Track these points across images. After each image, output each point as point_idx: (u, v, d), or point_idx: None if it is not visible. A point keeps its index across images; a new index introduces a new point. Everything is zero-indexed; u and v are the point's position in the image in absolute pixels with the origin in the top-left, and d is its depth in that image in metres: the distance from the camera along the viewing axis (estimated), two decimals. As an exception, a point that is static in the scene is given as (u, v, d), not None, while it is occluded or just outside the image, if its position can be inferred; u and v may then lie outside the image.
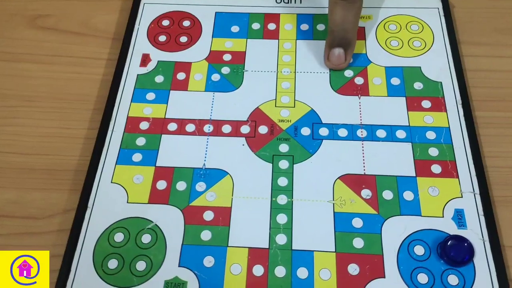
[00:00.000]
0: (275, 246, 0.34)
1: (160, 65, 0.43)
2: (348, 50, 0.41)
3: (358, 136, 0.38)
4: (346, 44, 0.41)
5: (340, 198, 0.36)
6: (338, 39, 0.40)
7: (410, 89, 0.41)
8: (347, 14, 0.39)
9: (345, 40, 0.41)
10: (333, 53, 0.41)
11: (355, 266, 0.33)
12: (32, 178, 0.39)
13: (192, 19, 0.46)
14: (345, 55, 0.41)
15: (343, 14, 0.39)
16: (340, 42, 0.41)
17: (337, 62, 0.41)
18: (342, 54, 0.41)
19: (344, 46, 0.41)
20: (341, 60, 0.41)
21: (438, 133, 0.38)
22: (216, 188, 0.36)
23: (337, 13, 0.39)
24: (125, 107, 0.41)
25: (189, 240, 0.34)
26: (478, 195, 0.36)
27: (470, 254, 0.33)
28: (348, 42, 0.41)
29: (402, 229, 0.34)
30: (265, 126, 0.39)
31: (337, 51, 0.41)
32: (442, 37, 0.44)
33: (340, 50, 0.41)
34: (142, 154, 0.38)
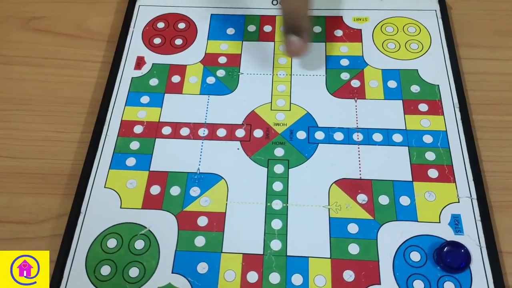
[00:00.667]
0: (269, 252, 0.33)
1: (154, 68, 0.43)
2: (302, 36, 0.40)
3: (354, 140, 0.38)
4: (299, 31, 0.40)
5: (336, 203, 0.35)
6: (291, 26, 0.40)
7: (407, 92, 0.40)
8: (297, 1, 0.39)
9: (298, 27, 0.40)
10: (288, 41, 0.40)
11: (350, 273, 0.33)
12: (24, 183, 0.39)
13: (188, 21, 0.46)
14: (300, 41, 0.40)
15: (293, 0, 0.39)
16: (293, 29, 0.40)
17: (294, 49, 0.40)
18: (298, 41, 0.40)
19: (298, 33, 0.40)
20: (297, 47, 0.40)
21: (435, 137, 0.38)
22: (211, 193, 0.36)
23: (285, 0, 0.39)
24: (119, 110, 0.40)
25: (183, 246, 0.34)
26: (475, 200, 0.35)
27: (466, 261, 0.32)
28: (301, 29, 0.40)
29: (398, 235, 0.34)
30: (261, 130, 0.39)
31: (291, 39, 0.40)
32: (440, 39, 0.43)
33: (294, 37, 0.40)
34: (136, 158, 0.38)
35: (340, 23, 0.45)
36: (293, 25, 0.39)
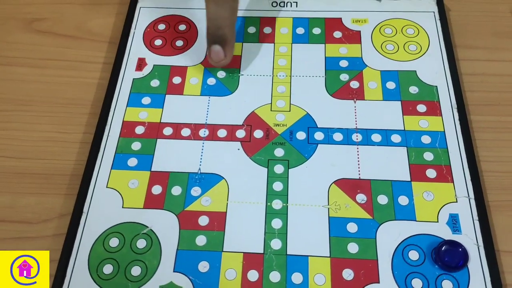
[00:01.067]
0: (270, 251, 0.34)
1: (156, 69, 0.43)
2: (226, 46, 0.40)
3: (353, 140, 0.39)
4: (222, 41, 0.40)
5: (335, 203, 0.36)
6: (214, 35, 0.40)
7: (405, 93, 0.41)
8: (220, 10, 0.39)
9: (221, 37, 0.40)
10: (211, 50, 0.40)
11: (349, 271, 0.33)
12: (27, 183, 0.39)
13: (188, 23, 0.46)
14: (224, 51, 0.40)
15: (216, 10, 0.39)
16: (216, 39, 0.40)
17: (216, 59, 0.41)
18: (220, 50, 0.40)
19: (221, 43, 0.40)
20: (219, 57, 0.40)
21: (433, 137, 0.38)
22: (211, 193, 0.36)
23: (210, 8, 0.39)
24: (120, 111, 0.41)
25: (184, 245, 0.34)
26: (473, 200, 0.36)
27: (464, 259, 0.33)
28: (223, 38, 0.40)
29: (396, 234, 0.34)
30: (261, 131, 0.39)
31: (214, 48, 0.40)
32: (438, 41, 0.44)
33: (217, 47, 0.40)
34: (137, 158, 0.38)
35: (339, 24, 0.45)
36: (218, 35, 0.40)
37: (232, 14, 0.40)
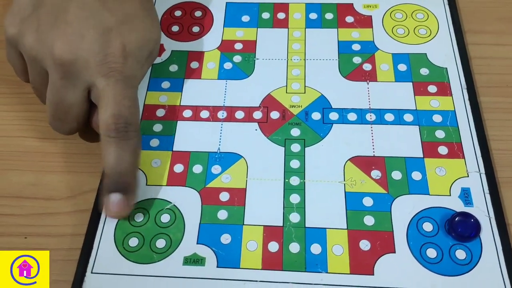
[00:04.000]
0: (289, 224, 0.35)
1: (174, 54, 0.45)
2: (129, 194, 0.35)
3: (367, 120, 0.40)
4: (125, 189, 0.35)
5: (351, 179, 0.37)
6: (115, 183, 0.34)
7: (416, 75, 0.42)
8: (121, 154, 0.34)
9: (123, 184, 0.35)
10: (109, 200, 0.34)
11: (366, 242, 0.34)
12: (50, 161, 0.41)
13: (204, 10, 0.48)
14: (126, 199, 0.35)
15: (117, 154, 0.34)
16: (117, 187, 0.34)
17: (116, 209, 0.35)
18: (122, 200, 0.34)
19: (123, 191, 0.35)
20: (120, 207, 0.34)
21: (444, 116, 0.40)
22: (231, 170, 0.38)
23: (110, 153, 0.34)
24: (141, 95, 0.42)
25: (206, 219, 0.36)
26: (483, 175, 0.37)
27: (476, 230, 0.34)
28: (126, 185, 0.35)
29: (411, 207, 0.36)
30: (277, 112, 0.41)
31: (114, 197, 0.34)
32: (447, 25, 0.45)
33: (117, 196, 0.34)
34: (159, 139, 0.40)
35: (351, 10, 0.46)
36: (120, 182, 0.34)
37: (135, 155, 0.35)
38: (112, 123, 0.34)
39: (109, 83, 0.35)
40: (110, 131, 0.34)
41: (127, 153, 0.35)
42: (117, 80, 0.35)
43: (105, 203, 0.35)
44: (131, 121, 0.35)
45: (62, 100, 0.36)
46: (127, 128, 0.34)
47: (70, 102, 0.36)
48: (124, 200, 0.35)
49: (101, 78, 0.35)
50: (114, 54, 0.36)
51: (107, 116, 0.34)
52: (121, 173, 0.34)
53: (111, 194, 0.34)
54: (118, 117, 0.34)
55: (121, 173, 0.35)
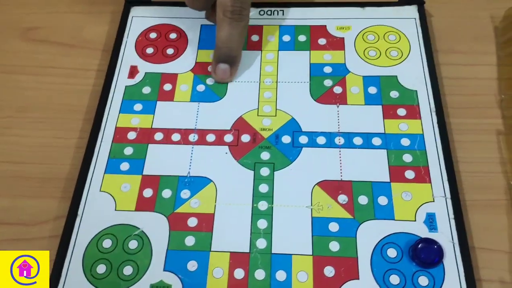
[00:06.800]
0: (255, 250, 0.36)
1: (147, 76, 0.45)
2: (233, 66, 0.43)
3: (336, 143, 0.40)
4: (231, 61, 0.43)
5: (318, 204, 0.38)
6: (224, 55, 0.42)
7: (386, 98, 0.42)
8: (233, 32, 0.41)
9: (230, 57, 0.43)
10: (218, 68, 0.43)
11: (330, 269, 0.35)
12: (25, 186, 0.41)
13: (179, 32, 0.48)
14: (230, 70, 0.43)
15: (229, 31, 0.41)
16: (225, 59, 0.42)
17: (222, 76, 0.43)
18: (227, 69, 0.43)
19: (229, 63, 0.43)
20: (226, 75, 0.43)
21: (412, 140, 0.40)
22: (200, 195, 0.38)
23: (223, 30, 0.41)
24: (113, 118, 0.42)
25: (174, 245, 0.36)
26: (449, 200, 0.37)
27: (439, 256, 0.35)
28: (233, 59, 0.43)
29: (376, 233, 0.36)
30: (248, 135, 0.41)
31: (222, 66, 0.43)
32: (419, 46, 0.45)
33: (225, 66, 0.43)
34: (129, 163, 0.40)
35: (324, 31, 0.47)
36: (229, 55, 0.42)
37: (243, 36, 0.42)
38: (229, 5, 0.40)
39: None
40: (226, 12, 0.40)
41: (237, 32, 0.41)
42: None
43: (214, 69, 0.43)
44: (245, 6, 0.41)
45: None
46: (241, 11, 0.40)
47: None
48: (229, 69, 0.43)
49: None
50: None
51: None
52: (230, 47, 0.42)
53: (220, 64, 0.42)
54: (235, 1, 0.40)
55: (231, 47, 0.42)
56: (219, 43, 0.42)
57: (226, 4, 0.40)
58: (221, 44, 0.42)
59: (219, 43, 0.42)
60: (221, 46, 0.42)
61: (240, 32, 0.42)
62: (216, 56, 0.43)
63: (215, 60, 0.43)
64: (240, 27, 0.41)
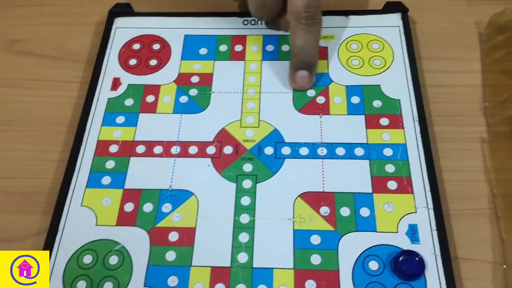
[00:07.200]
0: (236, 264, 0.35)
1: (130, 88, 0.45)
2: (312, 71, 0.43)
3: (318, 154, 0.40)
4: (310, 67, 0.43)
5: (300, 216, 0.37)
6: (302, 62, 0.42)
7: (369, 107, 0.42)
8: (309, 38, 0.41)
9: (309, 64, 0.43)
10: (298, 75, 0.43)
11: (312, 282, 0.35)
12: (7, 201, 0.41)
13: (162, 42, 0.48)
14: (309, 76, 0.43)
15: (305, 37, 0.41)
16: (304, 65, 0.42)
17: (302, 83, 0.43)
18: (307, 76, 0.43)
19: (308, 68, 0.43)
20: (305, 82, 0.43)
21: (395, 150, 0.40)
22: (182, 209, 0.38)
23: (300, 37, 0.41)
24: (95, 130, 0.42)
25: (155, 260, 0.36)
26: (431, 210, 0.37)
27: (421, 268, 0.34)
28: (311, 64, 0.43)
29: (357, 245, 0.36)
30: (230, 147, 0.41)
31: (301, 73, 0.43)
32: (402, 55, 0.45)
33: (304, 72, 0.43)
34: (111, 177, 0.40)
35: (307, 41, 0.47)
36: (307, 61, 0.42)
37: (318, 41, 0.42)
38: (303, 11, 0.40)
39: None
40: (300, 19, 0.40)
41: (312, 37, 0.41)
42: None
43: (292, 77, 0.43)
44: (318, 10, 0.41)
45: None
46: (315, 16, 0.40)
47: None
48: (308, 76, 0.43)
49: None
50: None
51: (300, 5, 0.40)
52: (308, 53, 0.42)
53: (298, 71, 0.42)
54: (309, 7, 0.40)
55: (308, 53, 0.42)
56: (297, 50, 0.42)
57: (299, 11, 0.40)
58: (299, 51, 0.42)
59: (296, 50, 0.42)
60: (299, 53, 0.42)
61: (315, 37, 0.42)
62: (294, 63, 0.43)
63: (294, 68, 0.43)
64: (315, 32, 0.41)
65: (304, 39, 0.41)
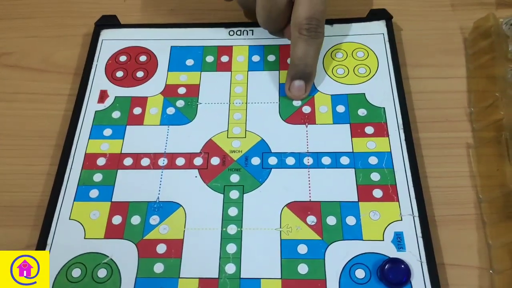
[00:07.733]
0: (224, 275, 0.36)
1: (117, 100, 0.45)
2: (308, 83, 0.44)
3: (304, 163, 0.40)
4: (306, 78, 0.43)
5: (287, 225, 0.38)
6: (300, 72, 0.43)
7: (354, 116, 0.43)
8: (309, 49, 0.42)
9: (306, 74, 0.43)
10: (293, 85, 0.43)
11: (299, 292, 0.35)
12: (-5, 215, 0.41)
13: (149, 54, 0.48)
14: (305, 87, 0.43)
15: (305, 49, 0.41)
16: (301, 75, 0.43)
17: (297, 93, 0.43)
18: (303, 86, 0.43)
19: (305, 79, 0.43)
20: (301, 92, 0.43)
21: (380, 158, 0.40)
22: (169, 221, 0.38)
23: (299, 47, 0.41)
24: (83, 144, 0.42)
25: (143, 273, 0.36)
26: (417, 218, 0.37)
27: (407, 276, 0.35)
28: (308, 75, 0.43)
29: (344, 254, 0.36)
30: (217, 157, 0.41)
31: (298, 83, 0.43)
32: (387, 62, 0.46)
33: (301, 82, 0.43)
34: (98, 190, 0.40)
35: (292, 51, 0.47)
36: (305, 72, 0.43)
37: (318, 53, 0.43)
38: (305, 23, 0.40)
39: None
40: (302, 30, 0.41)
41: (312, 49, 0.42)
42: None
43: (288, 86, 0.43)
44: (321, 24, 0.41)
45: (275, 3, 0.42)
46: (317, 28, 0.41)
47: (280, 4, 0.42)
48: (304, 86, 0.43)
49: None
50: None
51: (302, 17, 0.40)
52: (306, 64, 0.42)
53: (295, 81, 0.43)
54: (311, 19, 0.40)
55: (306, 64, 0.42)
56: (296, 60, 0.42)
57: (302, 23, 0.41)
58: (297, 61, 0.42)
59: (295, 60, 0.42)
60: (297, 63, 0.42)
61: (316, 49, 0.42)
62: (291, 73, 0.43)
63: (290, 77, 0.43)
64: (316, 44, 0.42)
65: (304, 50, 0.41)
